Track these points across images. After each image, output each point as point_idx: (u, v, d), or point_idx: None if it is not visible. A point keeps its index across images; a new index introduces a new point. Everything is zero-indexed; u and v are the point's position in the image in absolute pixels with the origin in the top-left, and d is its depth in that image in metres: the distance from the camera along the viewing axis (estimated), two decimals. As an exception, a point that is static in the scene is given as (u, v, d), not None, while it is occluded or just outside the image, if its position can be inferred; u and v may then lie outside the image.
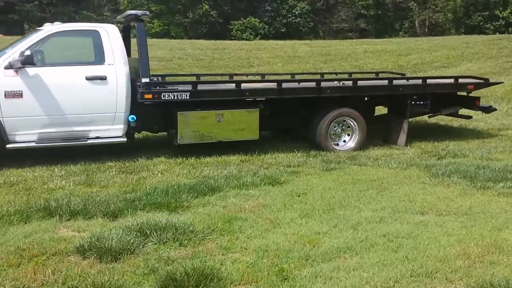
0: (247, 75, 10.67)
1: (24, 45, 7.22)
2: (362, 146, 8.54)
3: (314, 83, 8.29)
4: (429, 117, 9.97)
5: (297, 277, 3.61)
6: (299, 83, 8.71)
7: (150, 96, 7.43)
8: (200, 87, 7.79)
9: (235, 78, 10.17)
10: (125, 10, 52.81)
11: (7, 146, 7.13)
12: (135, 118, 7.57)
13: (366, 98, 9.00)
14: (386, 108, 9.40)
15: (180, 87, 7.70)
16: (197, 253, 4.16)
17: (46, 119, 7.20)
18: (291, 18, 47.97)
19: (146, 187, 6.09)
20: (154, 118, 7.99)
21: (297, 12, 47.83)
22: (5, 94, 6.98)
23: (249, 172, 6.86)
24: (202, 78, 10.54)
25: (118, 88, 7.43)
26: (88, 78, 7.29)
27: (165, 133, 8.66)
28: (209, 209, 5.32)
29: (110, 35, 7.55)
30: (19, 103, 7.05)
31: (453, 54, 21.45)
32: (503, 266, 3.79)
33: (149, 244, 4.32)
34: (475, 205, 5.39)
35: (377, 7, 51.50)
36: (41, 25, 8.17)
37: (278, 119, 8.58)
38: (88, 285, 3.48)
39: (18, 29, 40.62)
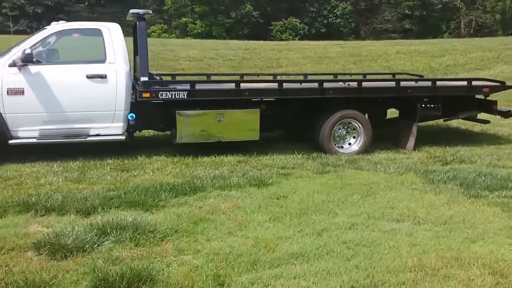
0: (258, 75, 10.58)
1: (27, 43, 7.40)
2: (366, 149, 8.30)
3: (317, 83, 8.11)
4: (444, 121, 9.61)
5: (234, 283, 3.52)
6: (300, 84, 8.56)
7: (148, 94, 7.46)
8: (199, 86, 7.76)
9: (246, 78, 10.10)
10: (168, 10, 53.35)
11: (10, 141, 7.30)
12: (134, 116, 7.62)
13: (377, 100, 8.74)
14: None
15: (179, 87, 7.69)
16: (150, 254, 4.13)
17: (47, 116, 7.34)
18: (332, 19, 47.56)
19: (129, 186, 6.11)
20: (158, 117, 8.01)
21: (338, 13, 47.38)
22: (7, 91, 7.16)
23: (239, 173, 6.78)
24: (214, 78, 10.51)
25: (118, 86, 7.49)
26: (88, 76, 7.39)
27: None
28: (182, 210, 5.29)
29: (112, 34, 7.63)
30: (21, 100, 7.21)
31: (489, 56, 20.65)
32: (456, 281, 3.57)
33: (105, 243, 4.32)
34: (458, 214, 5.13)
35: (422, 8, 50.35)
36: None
37: (281, 120, 8.46)
38: (24, 282, 3.50)
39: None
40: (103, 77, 7.44)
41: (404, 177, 6.67)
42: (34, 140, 7.40)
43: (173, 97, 7.51)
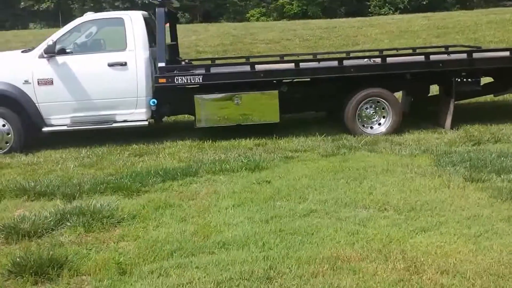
0: (298, 55, 10.23)
1: (56, 35, 7.85)
2: (396, 129, 7.80)
3: (336, 62, 7.75)
4: (494, 96, 8.75)
5: (135, 272, 3.53)
6: (319, 62, 8.22)
7: (164, 80, 7.62)
8: (214, 70, 7.76)
9: (287, 58, 9.85)
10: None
11: (43, 129, 7.86)
12: (155, 102, 7.81)
13: (410, 76, 8.16)
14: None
15: (196, 71, 7.75)
16: (93, 239, 4.26)
17: (75, 104, 7.77)
18: (434, -12, 44.62)
19: (129, 171, 6.31)
20: (182, 102, 8.08)
21: (442, -19, 44.34)
22: (38, 81, 7.68)
23: (242, 157, 6.70)
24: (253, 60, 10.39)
25: (138, 73, 7.72)
26: (110, 64, 7.70)
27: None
28: (159, 195, 5.37)
29: (134, 22, 7.84)
30: (50, 89, 7.70)
31: None
32: (357, 275, 3.27)
33: (61, 228, 4.51)
34: (436, 200, 4.70)
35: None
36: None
37: (306, 101, 8.22)
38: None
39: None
40: (123, 64, 7.70)
41: (414, 160, 6.21)
42: (65, 128, 7.89)
43: (189, 81, 7.60)
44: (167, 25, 8.63)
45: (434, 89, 8.74)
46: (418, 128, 8.00)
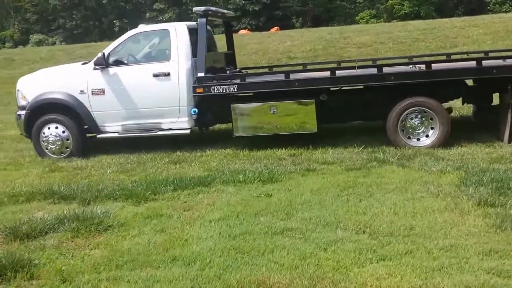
0: (356, 61, 9.82)
1: (109, 47, 8.36)
2: (442, 142, 7.24)
3: (376, 69, 7.37)
4: None
5: (75, 281, 3.67)
6: (356, 70, 7.84)
7: (201, 90, 7.78)
8: (249, 79, 7.77)
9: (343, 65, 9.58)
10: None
11: (98, 136, 8.42)
12: (196, 111, 8.00)
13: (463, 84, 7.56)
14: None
15: (234, 81, 7.81)
16: (74, 245, 4.49)
17: (124, 113, 8.22)
18: None
19: (150, 178, 6.55)
20: (224, 111, 8.14)
21: None
22: (92, 91, 8.24)
23: (267, 167, 6.65)
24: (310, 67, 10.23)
25: (180, 83, 7.97)
26: (155, 75, 8.03)
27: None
28: (161, 203, 5.52)
29: (178, 33, 8.11)
30: (103, 99, 8.23)
31: None
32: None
33: (55, 232, 4.80)
34: (425, 225, 4.31)
35: None
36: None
37: (345, 110, 7.93)
38: None
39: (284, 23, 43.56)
40: (166, 74, 7.99)
41: (439, 178, 5.75)
42: (116, 135, 8.38)
43: (224, 91, 7.69)
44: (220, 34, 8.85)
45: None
46: (473, 141, 7.37)
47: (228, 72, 8.64)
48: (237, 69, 9.33)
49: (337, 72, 7.54)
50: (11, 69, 24.36)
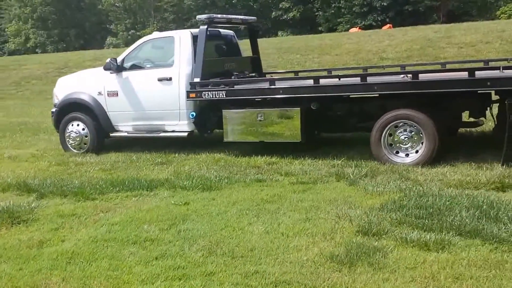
0: (383, 67, 9.12)
1: (125, 53, 8.91)
2: (429, 158, 6.59)
3: (359, 78, 6.91)
4: None
5: None
6: (339, 79, 7.37)
7: (194, 95, 7.95)
8: (238, 86, 7.76)
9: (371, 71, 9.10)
10: None
11: (111, 134, 9.04)
12: (194, 114, 8.21)
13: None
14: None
15: (221, 87, 7.84)
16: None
17: (134, 114, 8.73)
18: None
19: (114, 177, 6.91)
20: (218, 116, 8.14)
21: None
22: (107, 93, 8.87)
23: (227, 174, 6.67)
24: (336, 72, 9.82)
25: (180, 87, 8.24)
26: (159, 79, 8.40)
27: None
28: (96, 203, 5.84)
29: (182, 40, 8.39)
30: (116, 100, 8.81)
31: None
32: None
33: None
34: (263, 247, 4.12)
35: None
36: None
37: (335, 120, 7.56)
38: None
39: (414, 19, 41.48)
40: (169, 79, 8.31)
41: (366, 200, 5.35)
42: (126, 134, 8.93)
43: (214, 97, 7.78)
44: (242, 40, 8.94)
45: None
46: (470, 160, 6.62)
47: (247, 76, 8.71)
48: (252, 74, 9.27)
49: (321, 80, 7.23)
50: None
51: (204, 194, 5.91)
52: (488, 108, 7.09)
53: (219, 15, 8.87)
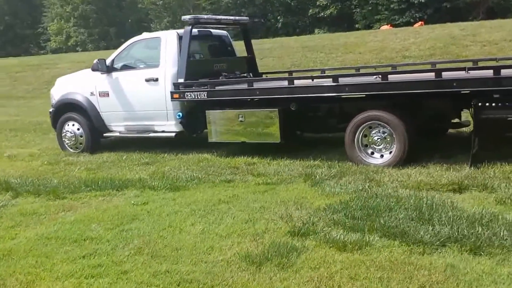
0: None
1: (114, 53, 9.08)
2: (400, 160, 6.49)
3: (331, 79, 6.83)
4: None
5: None
6: (312, 80, 7.28)
7: (177, 96, 8.04)
8: (219, 86, 7.80)
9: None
10: None
11: (104, 134, 9.24)
12: (180, 115, 8.30)
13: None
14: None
15: (203, 87, 7.89)
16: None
17: (125, 114, 8.88)
18: None
19: (91, 177, 7.07)
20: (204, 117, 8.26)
21: None
22: (99, 93, 9.06)
23: (202, 175, 6.75)
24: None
25: (166, 88, 8.33)
26: (146, 80, 8.53)
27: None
28: (64, 202, 6.01)
29: (168, 41, 8.48)
30: (107, 100, 8.99)
31: None
32: None
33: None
34: (173, 246, 4.11)
35: None
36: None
37: (314, 121, 7.51)
38: None
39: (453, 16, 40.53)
40: (155, 80, 8.43)
41: (316, 200, 5.30)
42: (118, 134, 9.11)
43: (196, 97, 7.84)
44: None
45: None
46: (444, 161, 6.48)
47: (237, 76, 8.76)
48: (244, 74, 9.28)
49: (296, 81, 7.19)
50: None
51: (168, 195, 5.98)
52: (470, 109, 6.89)
53: (205, 16, 8.94)
